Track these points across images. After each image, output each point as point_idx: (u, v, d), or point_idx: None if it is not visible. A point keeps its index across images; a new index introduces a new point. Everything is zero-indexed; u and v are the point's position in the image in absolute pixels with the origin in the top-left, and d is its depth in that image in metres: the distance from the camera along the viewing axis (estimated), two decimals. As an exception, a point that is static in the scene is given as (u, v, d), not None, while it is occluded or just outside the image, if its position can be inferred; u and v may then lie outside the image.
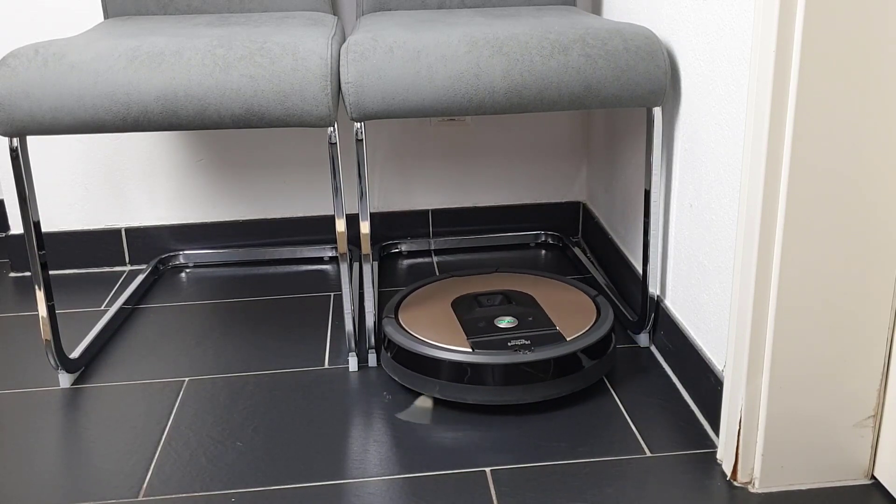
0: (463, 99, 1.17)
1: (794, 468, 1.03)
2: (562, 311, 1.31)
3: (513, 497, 1.02)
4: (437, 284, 1.43)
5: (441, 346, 1.22)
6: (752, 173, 0.93)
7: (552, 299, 1.35)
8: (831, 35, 0.86)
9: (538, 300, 1.34)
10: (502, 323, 1.27)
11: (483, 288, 1.40)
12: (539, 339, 1.23)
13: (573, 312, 1.31)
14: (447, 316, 1.31)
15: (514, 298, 1.35)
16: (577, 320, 1.28)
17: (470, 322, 1.28)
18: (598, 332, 1.25)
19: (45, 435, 1.18)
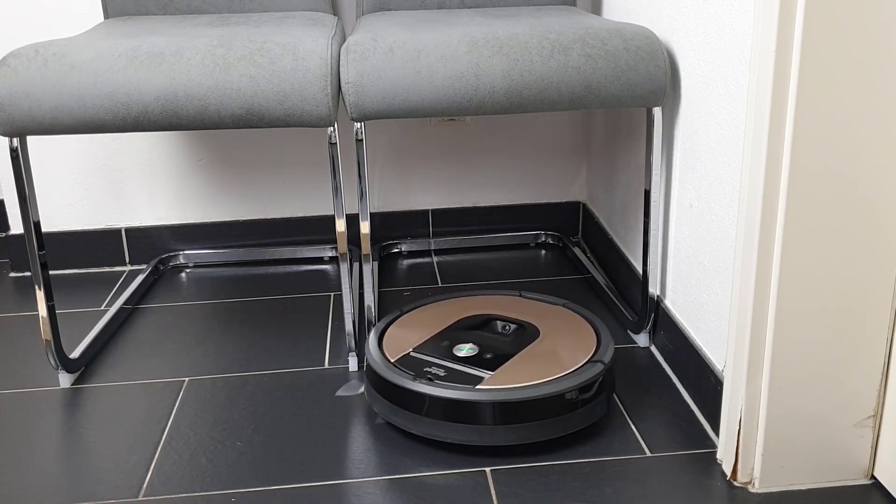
0: (463, 99, 1.17)
1: (794, 468, 1.03)
2: (544, 354, 1.16)
3: (513, 497, 1.02)
4: (455, 302, 1.34)
5: (389, 366, 1.16)
6: (752, 173, 0.93)
7: (556, 335, 1.22)
8: (831, 35, 0.86)
9: (542, 333, 1.23)
10: (461, 351, 1.18)
11: (494, 311, 1.30)
12: (459, 376, 1.12)
13: (557, 354, 1.16)
14: (428, 334, 1.23)
15: (519, 328, 1.24)
16: (545, 367, 1.13)
17: (432, 344, 1.20)
18: (555, 385, 1.09)
19: (45, 435, 1.18)
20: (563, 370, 1.12)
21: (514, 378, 1.11)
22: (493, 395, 1.08)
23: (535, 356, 1.16)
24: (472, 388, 1.09)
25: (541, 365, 1.13)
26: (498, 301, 1.33)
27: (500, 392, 1.08)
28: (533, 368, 1.13)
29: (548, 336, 1.21)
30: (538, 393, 1.08)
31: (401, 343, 1.22)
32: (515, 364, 1.14)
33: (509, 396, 1.07)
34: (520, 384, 1.09)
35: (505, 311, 1.29)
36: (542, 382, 1.09)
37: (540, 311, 1.29)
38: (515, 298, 1.35)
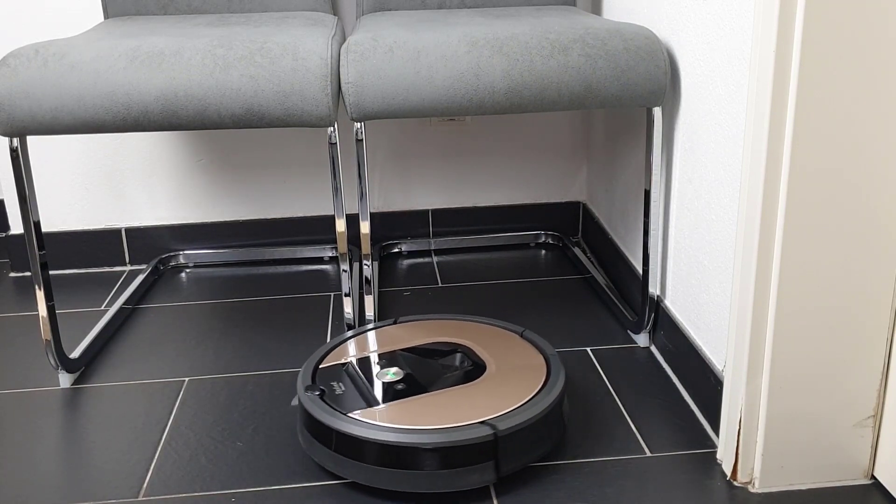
0: (463, 99, 1.17)
1: (794, 468, 1.03)
2: (459, 398, 1.06)
3: (513, 497, 1.02)
4: (438, 324, 1.27)
5: (308, 370, 1.13)
6: (752, 173, 0.93)
7: (497, 381, 1.10)
8: (831, 35, 0.86)
9: (485, 376, 1.11)
10: (386, 375, 1.12)
11: (466, 342, 1.20)
12: (349, 399, 1.06)
13: (471, 402, 1.05)
14: (380, 348, 1.19)
15: (472, 367, 1.14)
16: (439, 413, 1.04)
17: (369, 361, 1.15)
18: (416, 436, 0.99)
19: (45, 435, 1.18)
20: (451, 422, 1.01)
21: (393, 416, 1.02)
22: (345, 425, 1.01)
23: (446, 398, 1.06)
24: (341, 413, 1.03)
25: (438, 409, 1.04)
26: (483, 333, 1.23)
27: (354, 425, 1.01)
28: (425, 411, 1.03)
29: (486, 381, 1.10)
30: (386, 438, 0.99)
31: (351, 350, 1.19)
32: (417, 402, 1.06)
33: (356, 431, 1.00)
34: (386, 423, 1.01)
35: (479, 344, 1.19)
36: (406, 429, 1.00)
37: (515, 355, 1.16)
38: (506, 334, 1.22)
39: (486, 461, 1.01)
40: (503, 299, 1.57)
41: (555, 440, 1.08)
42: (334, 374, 1.13)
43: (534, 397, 1.06)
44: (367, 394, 1.08)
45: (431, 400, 1.06)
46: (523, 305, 1.54)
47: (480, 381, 1.10)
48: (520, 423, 1.02)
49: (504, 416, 1.02)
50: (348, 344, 1.21)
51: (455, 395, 1.07)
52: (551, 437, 1.07)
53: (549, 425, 1.06)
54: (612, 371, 1.31)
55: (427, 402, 1.06)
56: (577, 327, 1.45)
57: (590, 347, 1.38)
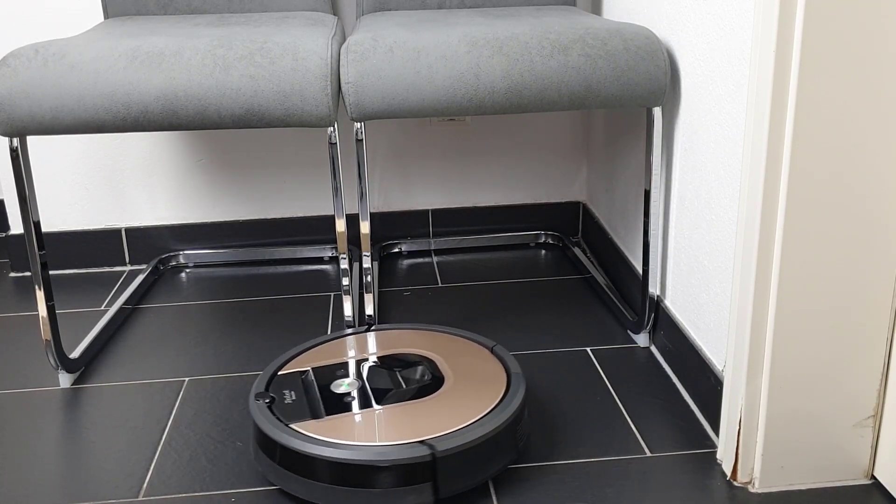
0: (463, 99, 1.17)
1: (794, 468, 1.03)
2: (403, 415, 1.03)
3: (513, 497, 1.02)
4: (413, 334, 1.23)
5: (266, 375, 1.12)
6: (752, 173, 0.93)
7: (452, 398, 1.07)
8: (831, 35, 0.86)
9: (439, 392, 1.08)
10: (340, 386, 1.09)
11: (433, 354, 1.17)
12: (295, 409, 1.03)
13: (412, 420, 1.02)
14: (344, 357, 1.16)
15: (432, 382, 1.11)
16: (374, 429, 1.01)
17: (331, 369, 1.13)
18: (340, 450, 0.96)
19: (45, 435, 1.18)
20: (391, 439, 0.98)
21: (335, 429, 1.00)
22: (284, 437, 0.99)
23: (393, 413, 1.03)
24: (283, 424, 1.01)
25: (381, 425, 1.01)
26: (453, 346, 1.19)
27: (293, 436, 0.99)
28: (368, 426, 1.01)
29: (440, 397, 1.07)
30: (321, 452, 0.97)
31: (314, 357, 1.17)
32: (364, 416, 1.03)
33: (295, 444, 0.98)
34: (325, 437, 0.99)
35: (444, 358, 1.15)
36: (343, 444, 0.97)
37: (479, 370, 1.12)
38: (476, 349, 1.18)
39: (423, 482, 0.97)
40: (503, 299, 1.57)
41: (504, 462, 1.03)
42: (291, 381, 1.11)
43: (482, 417, 1.02)
44: (315, 405, 1.06)
45: (379, 414, 1.03)
46: (523, 305, 1.54)
47: (434, 396, 1.06)
48: (461, 445, 0.97)
49: (446, 436, 0.98)
50: (313, 351, 1.19)
51: (403, 411, 1.04)
52: (498, 460, 1.02)
53: (495, 447, 1.01)
54: (612, 371, 1.31)
55: (374, 416, 1.03)
56: (577, 327, 1.45)
57: (590, 347, 1.38)
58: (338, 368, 1.14)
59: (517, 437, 1.05)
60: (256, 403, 1.06)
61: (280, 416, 1.03)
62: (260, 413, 1.04)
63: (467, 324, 1.47)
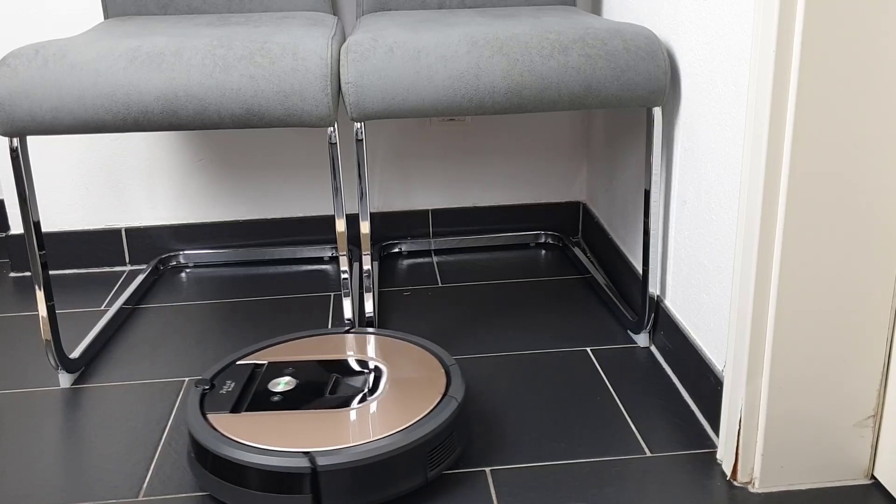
0: (463, 99, 1.17)
1: (794, 468, 1.03)
2: (321, 420, 1.02)
3: (513, 497, 1.02)
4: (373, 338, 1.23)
5: (219, 364, 1.15)
6: (752, 173, 0.93)
7: (382, 405, 1.06)
8: (831, 35, 0.86)
9: (378, 395, 1.07)
10: (278, 385, 1.10)
11: (384, 363, 1.16)
12: (223, 399, 1.04)
13: (329, 425, 1.01)
14: (297, 356, 1.17)
15: (371, 389, 1.09)
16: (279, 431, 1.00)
17: (280, 365, 1.14)
18: (233, 449, 0.96)
19: (45, 435, 1.18)
20: (283, 445, 0.98)
21: (238, 426, 1.01)
22: (195, 424, 1.02)
23: (304, 419, 1.03)
24: (201, 412, 1.04)
25: (284, 428, 1.01)
26: (411, 359, 1.16)
27: (200, 426, 1.01)
28: (271, 427, 1.01)
29: (359, 410, 1.05)
30: (214, 446, 0.98)
31: (277, 352, 1.18)
32: (275, 416, 1.03)
33: (199, 434, 1.00)
34: (225, 432, 1.00)
35: (395, 370, 1.13)
36: (236, 441, 0.99)
37: (419, 387, 1.09)
38: (433, 364, 1.15)
39: (302, 493, 0.96)
40: (503, 299, 1.57)
41: (405, 486, 0.99)
42: (240, 372, 1.12)
43: (382, 438, 0.98)
44: (243, 399, 1.07)
45: (291, 417, 1.03)
46: (523, 305, 1.54)
47: (355, 408, 1.05)
48: (345, 462, 0.95)
49: (334, 451, 0.96)
50: (282, 346, 1.20)
51: (315, 418, 1.03)
52: (396, 483, 0.98)
53: (388, 469, 0.97)
54: (612, 371, 1.31)
55: (285, 418, 1.03)
56: (577, 327, 1.45)
57: (590, 347, 1.38)
58: (289, 366, 1.14)
59: (426, 463, 1.01)
60: (194, 389, 1.09)
61: (204, 404, 1.06)
62: (191, 398, 1.08)
63: (467, 324, 1.47)
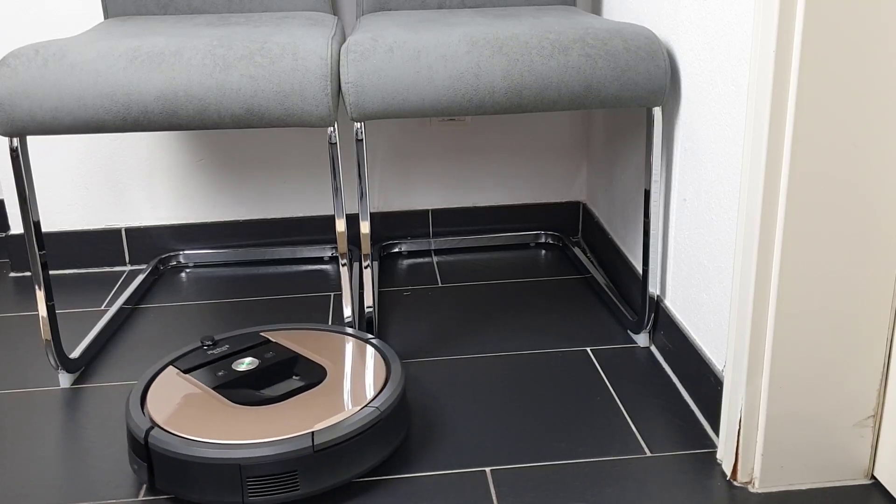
0: (463, 99, 1.17)
1: (794, 468, 1.03)
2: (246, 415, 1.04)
3: (513, 497, 1.02)
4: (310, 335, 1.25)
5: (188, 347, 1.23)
6: (751, 173, 0.93)
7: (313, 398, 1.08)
8: (831, 35, 0.86)
9: (293, 399, 1.08)
10: (242, 364, 1.15)
11: (329, 363, 1.17)
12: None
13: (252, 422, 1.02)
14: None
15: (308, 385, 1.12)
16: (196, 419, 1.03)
17: (240, 337, 1.22)
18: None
19: (45, 435, 1.18)
20: (205, 435, 1.00)
21: (171, 384, 1.11)
22: (160, 363, 1.16)
23: (205, 395, 1.08)
24: (172, 359, 1.17)
25: (183, 394, 1.08)
26: (359, 364, 1.16)
27: (159, 367, 1.15)
28: (181, 394, 1.08)
29: (293, 404, 1.06)
30: (132, 428, 1.03)
31: (277, 335, 1.25)
32: (197, 390, 1.09)
33: (157, 368, 1.14)
34: (167, 380, 1.11)
35: (338, 375, 1.13)
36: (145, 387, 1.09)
37: (341, 398, 1.08)
38: (378, 373, 1.14)
39: (140, 459, 1.02)
40: (503, 299, 1.57)
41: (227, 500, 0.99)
42: (243, 341, 1.21)
43: (270, 442, 0.99)
44: (213, 365, 1.15)
45: (205, 393, 1.09)
46: (523, 305, 1.54)
47: (284, 403, 1.07)
48: (168, 450, 0.98)
49: (165, 431, 1.01)
50: (297, 333, 1.25)
51: (222, 404, 1.06)
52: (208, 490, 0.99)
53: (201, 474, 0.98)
54: (612, 371, 1.31)
55: (199, 392, 1.09)
56: (577, 327, 1.45)
57: (590, 347, 1.38)
58: (268, 350, 1.18)
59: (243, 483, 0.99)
60: (201, 342, 1.21)
61: (181, 359, 1.18)
62: (187, 348, 1.21)
63: (467, 324, 1.47)
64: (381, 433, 1.05)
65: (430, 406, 1.23)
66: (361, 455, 1.02)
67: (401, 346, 1.40)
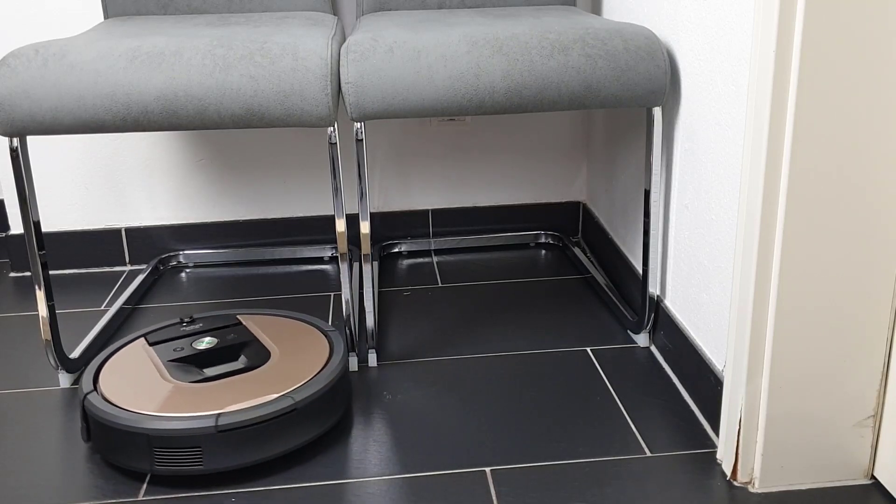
0: (463, 99, 1.17)
1: (794, 468, 1.03)
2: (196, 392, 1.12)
3: (513, 497, 1.02)
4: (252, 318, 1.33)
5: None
6: (752, 173, 0.93)
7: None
8: (831, 35, 0.86)
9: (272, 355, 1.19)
10: (201, 343, 1.22)
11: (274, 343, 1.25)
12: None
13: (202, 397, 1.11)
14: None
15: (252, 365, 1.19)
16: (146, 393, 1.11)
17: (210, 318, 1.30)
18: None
19: (45, 435, 1.18)
20: (161, 409, 1.07)
21: (138, 354, 1.21)
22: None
23: (162, 377, 1.15)
24: (141, 337, 1.26)
25: (142, 366, 1.17)
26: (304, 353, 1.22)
27: (137, 336, 1.26)
28: (139, 364, 1.18)
29: (223, 384, 1.13)
30: (78, 389, 1.15)
31: (253, 321, 1.31)
32: (153, 362, 1.19)
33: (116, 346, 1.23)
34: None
35: (284, 359, 1.20)
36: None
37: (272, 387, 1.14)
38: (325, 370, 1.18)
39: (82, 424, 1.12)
40: (503, 299, 1.57)
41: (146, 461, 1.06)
42: (216, 322, 1.29)
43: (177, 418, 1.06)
44: (170, 339, 1.24)
45: (158, 368, 1.18)
46: (523, 305, 1.54)
47: (237, 378, 1.16)
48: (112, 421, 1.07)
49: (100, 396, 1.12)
50: (260, 317, 1.32)
51: (164, 381, 1.15)
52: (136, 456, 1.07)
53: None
54: (612, 371, 1.31)
55: (153, 370, 1.17)
56: (577, 327, 1.45)
57: (590, 347, 1.38)
58: (231, 333, 1.26)
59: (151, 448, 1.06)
60: (180, 318, 1.30)
61: (153, 332, 1.27)
62: (166, 322, 1.30)
63: (467, 324, 1.47)
64: (291, 423, 1.09)
65: (430, 406, 1.23)
66: (268, 440, 1.08)
67: (401, 346, 1.40)
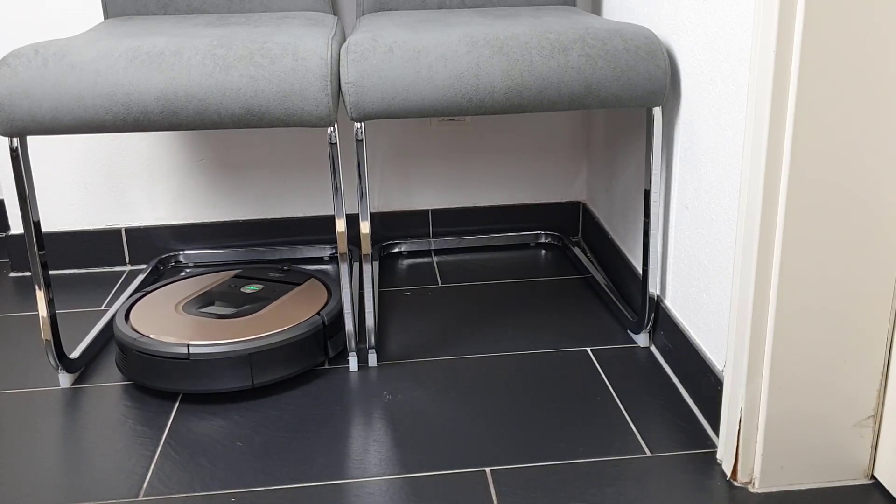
0: (463, 99, 1.17)
1: (794, 468, 1.03)
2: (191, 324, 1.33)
3: (513, 497, 1.02)
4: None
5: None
6: (751, 173, 0.94)
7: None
8: (831, 35, 0.86)
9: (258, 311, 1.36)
10: (248, 289, 1.44)
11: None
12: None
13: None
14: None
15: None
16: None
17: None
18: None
19: (45, 435, 1.18)
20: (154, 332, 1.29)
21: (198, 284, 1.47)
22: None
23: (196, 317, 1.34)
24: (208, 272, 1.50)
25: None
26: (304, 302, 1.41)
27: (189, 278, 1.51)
28: (206, 314, 1.36)
29: (223, 323, 1.33)
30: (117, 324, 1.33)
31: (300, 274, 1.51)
32: (202, 295, 1.42)
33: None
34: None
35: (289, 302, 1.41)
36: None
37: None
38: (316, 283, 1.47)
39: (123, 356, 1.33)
40: (503, 299, 1.57)
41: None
42: (292, 275, 1.50)
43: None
44: (241, 280, 1.48)
45: (184, 303, 1.39)
46: (523, 305, 1.54)
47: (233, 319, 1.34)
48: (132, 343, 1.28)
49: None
50: (322, 282, 1.49)
51: (199, 319, 1.34)
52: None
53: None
54: (612, 371, 1.31)
55: (183, 303, 1.39)
56: (577, 327, 1.45)
57: (590, 347, 1.38)
58: (279, 273, 1.51)
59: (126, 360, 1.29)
60: (281, 265, 1.53)
61: (255, 268, 1.53)
62: (272, 266, 1.53)
63: (467, 324, 1.47)
64: (239, 364, 1.25)
65: (429, 406, 1.23)
66: (232, 373, 1.25)
67: (401, 346, 1.40)
